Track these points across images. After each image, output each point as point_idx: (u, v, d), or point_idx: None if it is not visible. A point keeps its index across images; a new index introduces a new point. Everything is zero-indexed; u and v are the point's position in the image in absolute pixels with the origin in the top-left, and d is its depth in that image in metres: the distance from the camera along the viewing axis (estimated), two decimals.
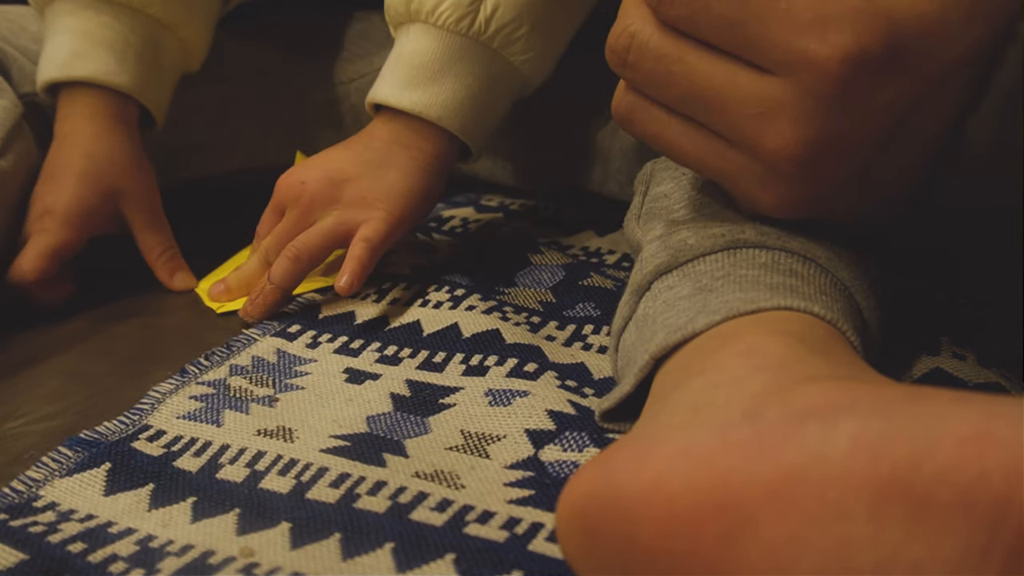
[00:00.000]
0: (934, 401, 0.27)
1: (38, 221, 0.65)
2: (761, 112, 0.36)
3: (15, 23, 0.75)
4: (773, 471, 0.28)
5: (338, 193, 0.64)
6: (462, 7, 0.63)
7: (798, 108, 0.35)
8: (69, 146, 0.68)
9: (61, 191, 0.66)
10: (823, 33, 0.34)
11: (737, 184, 0.41)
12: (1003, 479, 0.25)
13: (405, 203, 0.65)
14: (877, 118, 0.36)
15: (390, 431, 0.47)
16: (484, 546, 0.38)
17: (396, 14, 0.66)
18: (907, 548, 0.26)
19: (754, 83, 0.36)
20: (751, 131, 0.37)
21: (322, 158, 0.67)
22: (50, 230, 0.65)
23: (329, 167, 0.65)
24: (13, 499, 0.43)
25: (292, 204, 0.65)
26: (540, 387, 0.50)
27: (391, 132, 0.66)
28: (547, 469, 0.43)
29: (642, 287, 0.45)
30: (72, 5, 0.69)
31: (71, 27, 0.68)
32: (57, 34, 0.69)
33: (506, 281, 0.66)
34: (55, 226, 0.65)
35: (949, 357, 0.48)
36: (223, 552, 0.39)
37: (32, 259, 0.64)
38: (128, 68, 0.69)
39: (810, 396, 0.30)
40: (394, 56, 0.67)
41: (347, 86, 0.85)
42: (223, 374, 0.54)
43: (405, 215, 0.65)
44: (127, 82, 0.69)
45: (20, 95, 0.71)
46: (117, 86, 0.68)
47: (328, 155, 0.67)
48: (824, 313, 0.39)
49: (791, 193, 0.39)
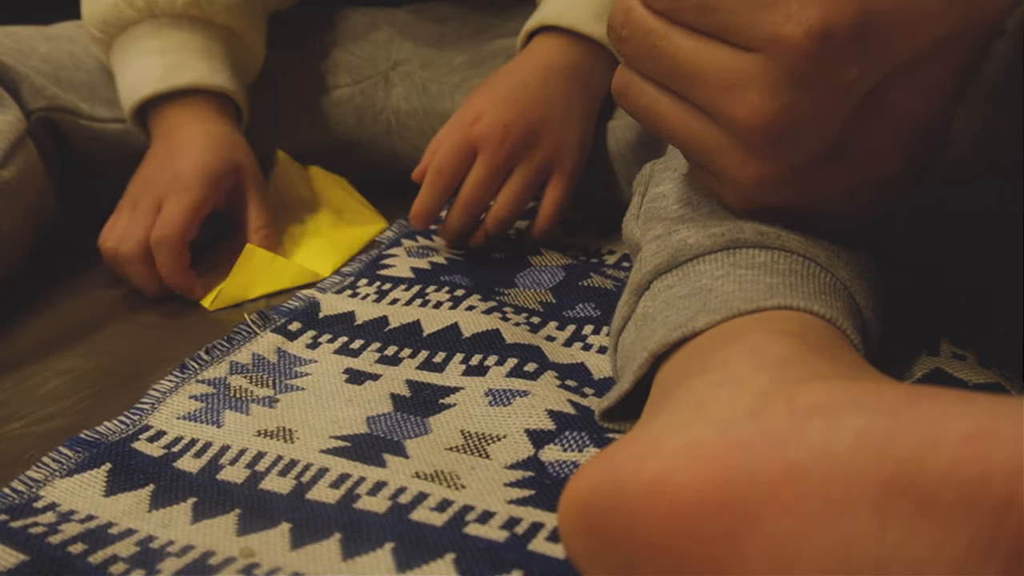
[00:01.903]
0: (937, 400, 0.27)
1: (171, 183, 0.67)
2: (733, 84, 0.38)
3: (25, 44, 0.77)
4: (776, 468, 0.28)
5: (537, 138, 0.67)
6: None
7: (766, 80, 0.37)
8: (184, 132, 0.70)
9: (188, 157, 0.68)
10: (789, 9, 0.36)
11: (717, 162, 0.41)
12: (1006, 478, 0.25)
13: (582, 155, 0.70)
14: (843, 94, 0.37)
15: (390, 431, 0.47)
16: (484, 546, 0.38)
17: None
18: (910, 546, 0.26)
19: (729, 58, 0.38)
20: (724, 103, 0.38)
21: (504, 93, 0.68)
22: (188, 187, 0.66)
23: (523, 108, 0.67)
24: (13, 500, 0.43)
25: (493, 148, 0.66)
26: (540, 387, 0.50)
27: (569, 64, 0.69)
28: (547, 469, 0.43)
29: (641, 286, 0.45)
30: (149, 28, 0.72)
31: (155, 48, 0.71)
32: (140, 57, 0.72)
33: (506, 281, 0.66)
34: (191, 183, 0.67)
35: (949, 357, 0.48)
36: (223, 552, 0.39)
37: (176, 215, 0.65)
38: (219, 71, 0.72)
39: (814, 395, 0.30)
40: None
41: (352, 88, 0.85)
42: (223, 371, 0.54)
43: (580, 168, 0.70)
44: (224, 82, 0.72)
45: (31, 111, 0.74)
46: (218, 87, 0.72)
47: (509, 89, 0.68)
48: (824, 312, 0.39)
49: (766, 170, 0.40)
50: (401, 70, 0.85)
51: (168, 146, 0.70)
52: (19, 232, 0.68)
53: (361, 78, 0.85)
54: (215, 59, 0.73)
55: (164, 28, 0.72)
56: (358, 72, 0.85)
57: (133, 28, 0.72)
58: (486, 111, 0.67)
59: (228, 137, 0.71)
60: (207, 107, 0.72)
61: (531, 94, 0.67)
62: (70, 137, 0.77)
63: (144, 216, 0.66)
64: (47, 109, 0.75)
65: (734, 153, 0.40)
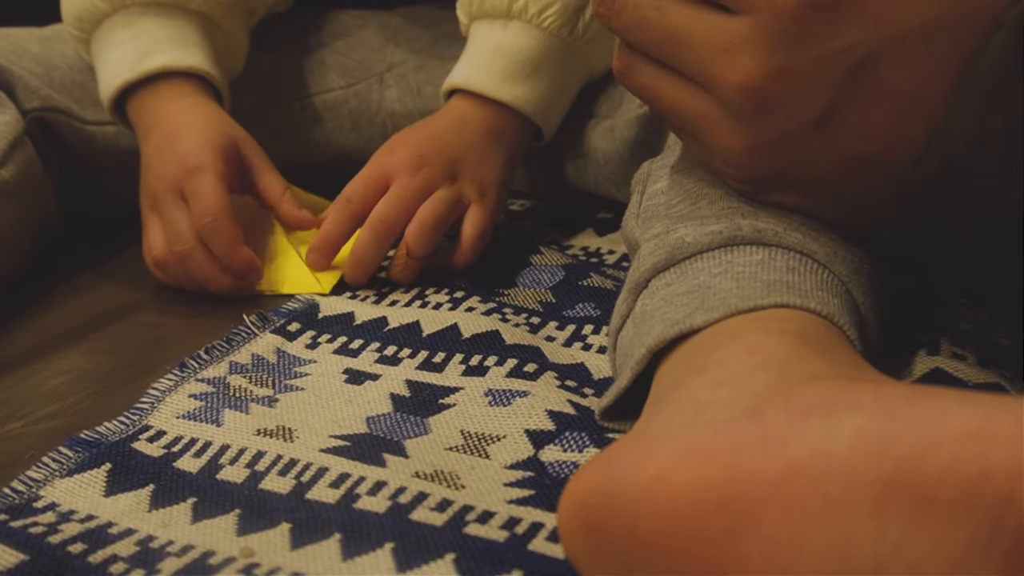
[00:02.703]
0: (936, 399, 0.27)
1: (180, 167, 0.64)
2: (725, 48, 0.38)
3: (18, 45, 0.77)
4: (776, 468, 0.28)
5: (455, 172, 0.66)
6: (567, 13, 0.69)
7: (757, 43, 0.37)
8: (170, 117, 0.68)
9: (186, 138, 0.66)
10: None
11: (707, 132, 0.42)
12: (1005, 477, 0.25)
13: (501, 196, 0.70)
14: (834, 61, 0.38)
15: (390, 431, 0.47)
16: (484, 546, 0.38)
17: (492, 8, 0.70)
18: (909, 545, 0.26)
19: (720, 23, 0.38)
20: (716, 67, 0.39)
21: (421, 135, 0.67)
22: (201, 165, 0.64)
23: (440, 146, 0.66)
24: (13, 500, 0.43)
25: (408, 173, 0.64)
26: (540, 387, 0.50)
27: (483, 120, 0.69)
28: (547, 469, 0.43)
29: (639, 285, 0.45)
30: (123, 18, 0.71)
31: (126, 37, 0.70)
32: (113, 48, 0.71)
33: (506, 282, 0.66)
34: (202, 160, 0.64)
35: (949, 357, 0.48)
36: (223, 552, 0.39)
37: (209, 194, 0.63)
38: (192, 53, 0.70)
39: (813, 394, 0.30)
40: (487, 48, 0.70)
41: (346, 91, 0.85)
42: (223, 371, 0.54)
43: (500, 208, 0.70)
44: (197, 62, 0.70)
45: (26, 111, 0.74)
46: (190, 67, 0.70)
47: (427, 132, 0.68)
48: (821, 310, 0.39)
49: (755, 134, 0.40)
50: (395, 72, 0.85)
51: (160, 135, 0.67)
52: (18, 232, 0.68)
53: (355, 80, 0.85)
54: (188, 42, 0.71)
55: (135, 17, 0.70)
56: (352, 75, 0.85)
57: (106, 21, 0.71)
58: (400, 146, 0.66)
59: (216, 113, 0.69)
60: (184, 89, 0.70)
61: (448, 138, 0.67)
62: (64, 138, 0.76)
63: (175, 210, 0.64)
64: (41, 110, 0.75)
65: (723, 122, 0.40)
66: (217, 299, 0.65)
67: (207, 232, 0.62)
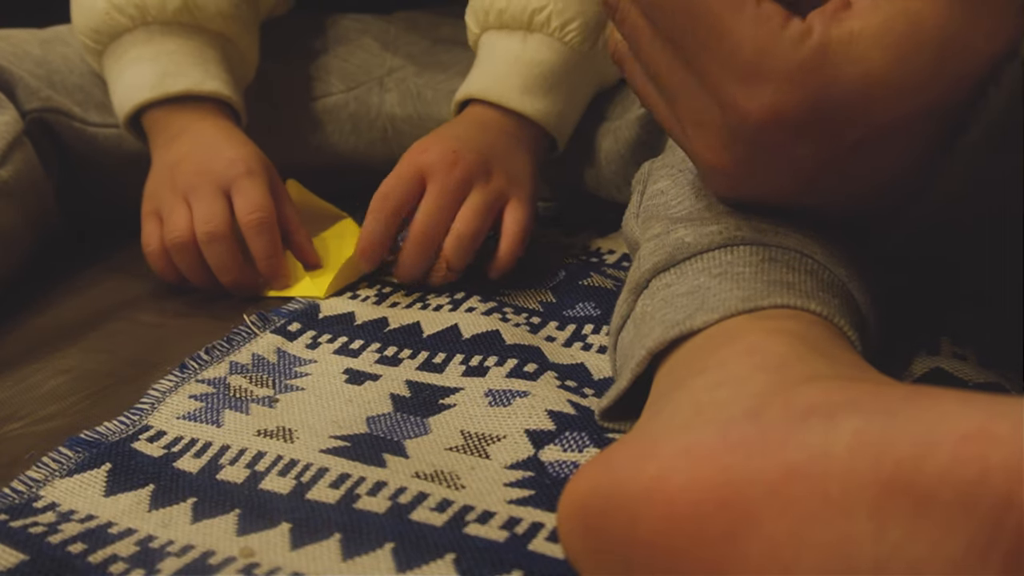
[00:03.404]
0: (936, 400, 0.27)
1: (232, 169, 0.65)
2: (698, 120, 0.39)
3: (19, 47, 0.77)
4: (775, 469, 0.28)
5: (488, 167, 0.65)
6: (588, 28, 0.69)
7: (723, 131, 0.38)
8: (205, 131, 0.69)
9: (231, 148, 0.67)
10: (750, 87, 0.36)
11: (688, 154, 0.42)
12: (1004, 478, 0.25)
13: (535, 186, 0.69)
14: (797, 163, 0.38)
15: (390, 432, 0.47)
16: (484, 546, 0.38)
17: (511, 19, 0.69)
18: (908, 546, 0.26)
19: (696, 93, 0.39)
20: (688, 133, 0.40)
21: (448, 134, 0.67)
22: (253, 171, 0.65)
23: (469, 143, 0.66)
24: (13, 500, 0.43)
25: (444, 172, 0.63)
26: (540, 387, 0.50)
27: (503, 125, 0.69)
28: (547, 469, 0.43)
29: (640, 285, 0.45)
30: (141, 35, 0.71)
31: (148, 55, 0.71)
32: (133, 64, 0.71)
33: (506, 282, 0.66)
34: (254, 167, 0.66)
35: (949, 357, 0.48)
36: (223, 552, 0.39)
37: (262, 195, 0.64)
38: (213, 76, 0.71)
39: (812, 395, 0.30)
40: (507, 59, 0.69)
41: (346, 95, 0.85)
42: (223, 371, 0.54)
43: (536, 198, 0.69)
44: (218, 87, 0.71)
45: (26, 111, 0.74)
46: (213, 92, 0.71)
47: (453, 132, 0.67)
48: (821, 310, 0.39)
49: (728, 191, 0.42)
50: (395, 76, 0.85)
51: (193, 142, 0.68)
52: (18, 232, 0.68)
53: (355, 84, 0.85)
54: (209, 64, 0.72)
55: (156, 35, 0.71)
56: (352, 79, 0.85)
57: (125, 36, 0.71)
58: (433, 144, 0.65)
59: (247, 138, 0.70)
60: (206, 110, 0.71)
61: (476, 137, 0.67)
62: (64, 138, 0.77)
63: (213, 198, 0.64)
64: (41, 110, 0.75)
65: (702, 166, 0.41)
66: (217, 299, 0.66)
67: (254, 226, 0.64)
